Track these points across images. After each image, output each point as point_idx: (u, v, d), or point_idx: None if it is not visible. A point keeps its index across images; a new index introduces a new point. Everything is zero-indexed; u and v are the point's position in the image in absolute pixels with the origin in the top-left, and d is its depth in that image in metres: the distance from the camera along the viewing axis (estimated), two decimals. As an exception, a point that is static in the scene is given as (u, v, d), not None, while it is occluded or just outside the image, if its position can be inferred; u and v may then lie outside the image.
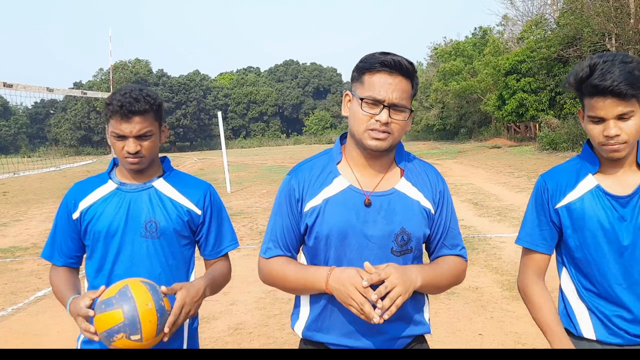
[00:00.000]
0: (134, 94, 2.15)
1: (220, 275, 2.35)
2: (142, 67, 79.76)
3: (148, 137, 2.20)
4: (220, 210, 2.44)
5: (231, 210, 13.35)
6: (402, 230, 1.87)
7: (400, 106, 1.83)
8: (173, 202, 2.29)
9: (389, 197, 1.90)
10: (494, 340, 4.74)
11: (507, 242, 8.43)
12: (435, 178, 1.99)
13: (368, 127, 1.83)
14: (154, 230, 2.23)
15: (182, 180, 2.38)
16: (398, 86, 1.82)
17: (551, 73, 32.18)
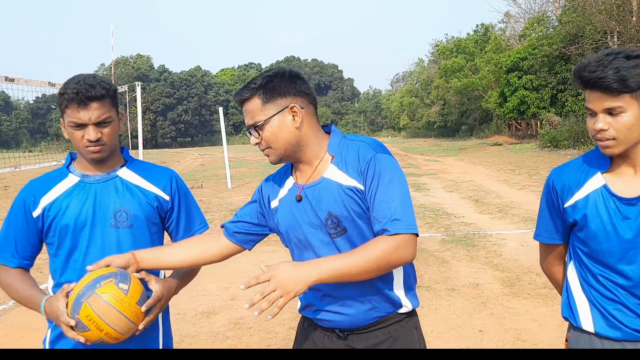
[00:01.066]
0: (89, 80, 2.10)
1: (191, 271, 2.36)
2: (143, 62, 79.74)
3: (108, 124, 2.12)
4: (187, 195, 2.41)
5: (232, 205, 13.36)
6: (329, 214, 1.95)
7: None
8: (140, 189, 2.25)
9: (317, 187, 1.99)
10: (494, 337, 4.75)
11: (508, 239, 8.44)
12: (364, 152, 1.94)
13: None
14: (125, 219, 2.19)
15: (145, 167, 2.34)
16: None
17: (553, 70, 32.11)
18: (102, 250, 2.15)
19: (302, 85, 1.98)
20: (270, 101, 1.94)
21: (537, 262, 7.29)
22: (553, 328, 4.90)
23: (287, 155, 2.00)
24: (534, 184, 14.89)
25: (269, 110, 1.94)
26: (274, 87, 1.95)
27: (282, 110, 1.94)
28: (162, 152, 52.05)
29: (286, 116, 1.95)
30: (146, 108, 72.81)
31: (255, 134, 1.97)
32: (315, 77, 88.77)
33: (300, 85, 1.98)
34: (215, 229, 2.23)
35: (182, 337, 5.05)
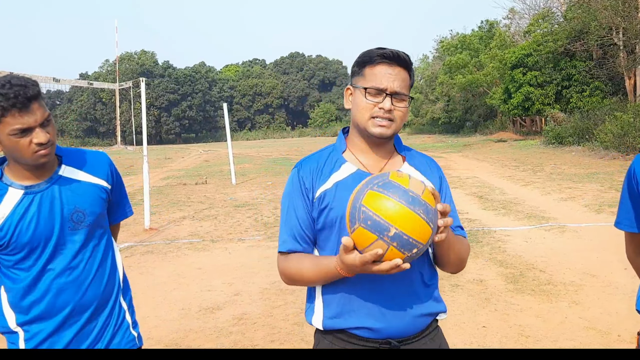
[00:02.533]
0: (15, 81, 1.92)
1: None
2: (147, 58, 79.66)
3: (49, 122, 2.01)
4: (120, 178, 2.37)
5: (236, 202, 13.39)
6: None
7: (401, 94, 1.92)
8: (87, 184, 2.16)
9: None
10: (498, 333, 4.75)
11: (512, 235, 8.43)
12: (435, 166, 2.10)
13: (372, 115, 1.92)
14: (82, 219, 2.11)
15: (81, 159, 2.21)
16: (398, 76, 1.92)
17: (558, 67, 32.01)
18: (65, 256, 2.10)
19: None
20: (411, 86, 1.99)
21: (540, 259, 7.34)
22: (557, 324, 4.90)
23: (392, 136, 1.99)
24: (539, 181, 14.86)
25: (409, 91, 1.97)
26: (414, 74, 2.03)
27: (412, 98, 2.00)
28: (167, 148, 52.11)
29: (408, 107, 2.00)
30: (150, 104, 72.83)
31: (390, 101, 1.91)
32: (320, 73, 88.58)
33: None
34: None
35: (187, 332, 5.07)
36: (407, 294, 1.92)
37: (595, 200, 11.14)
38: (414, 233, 1.61)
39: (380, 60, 1.92)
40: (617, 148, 20.15)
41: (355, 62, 2.00)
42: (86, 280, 2.15)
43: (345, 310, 1.92)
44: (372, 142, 2.00)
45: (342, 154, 2.03)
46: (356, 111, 1.96)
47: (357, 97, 1.96)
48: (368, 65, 1.94)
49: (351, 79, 2.03)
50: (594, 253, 7.16)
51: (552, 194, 12.46)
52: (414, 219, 1.61)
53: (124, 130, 67.55)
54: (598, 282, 6.01)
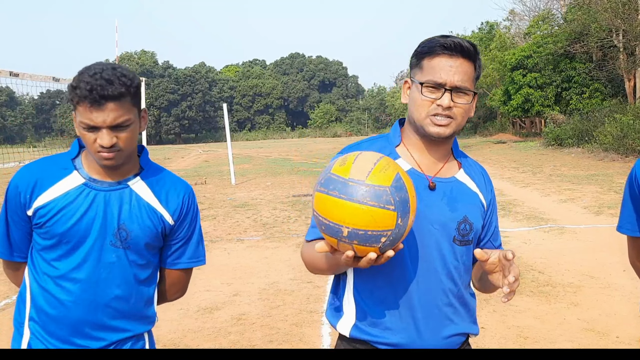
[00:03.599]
0: (106, 74, 1.76)
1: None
2: (148, 58, 79.78)
3: (126, 127, 1.82)
4: (194, 220, 2.13)
5: (235, 202, 13.38)
6: (465, 219, 1.81)
7: (462, 89, 1.75)
8: (148, 208, 1.96)
9: (451, 185, 1.84)
10: (496, 334, 4.75)
11: (511, 236, 8.44)
12: (489, 179, 1.99)
13: (430, 113, 1.75)
14: (124, 239, 1.91)
15: (160, 181, 2.02)
16: (459, 68, 1.74)
17: (557, 69, 32.03)
18: (95, 270, 1.90)
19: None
20: (477, 78, 1.82)
21: (539, 260, 7.34)
22: (555, 325, 4.90)
23: (452, 136, 1.83)
24: (538, 182, 14.87)
25: (473, 85, 1.80)
26: (482, 65, 1.85)
27: (476, 93, 1.83)
28: (166, 148, 52.12)
29: (473, 100, 1.82)
30: (150, 104, 72.90)
31: (450, 97, 1.74)
32: (320, 74, 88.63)
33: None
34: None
35: (185, 332, 5.07)
36: (449, 311, 1.82)
37: (594, 201, 11.14)
38: (369, 225, 1.46)
39: (441, 51, 1.74)
40: (617, 150, 20.16)
41: (414, 53, 1.82)
42: (105, 304, 1.93)
43: (379, 323, 1.78)
44: (429, 141, 1.83)
45: (395, 148, 1.87)
46: (413, 107, 1.80)
47: (414, 92, 1.79)
48: (427, 57, 1.77)
49: (410, 71, 1.86)
50: (593, 254, 7.16)
51: (552, 195, 12.46)
52: (362, 211, 1.45)
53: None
54: (597, 283, 6.01)
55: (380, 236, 1.47)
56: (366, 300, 1.80)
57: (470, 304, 1.91)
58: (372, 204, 1.45)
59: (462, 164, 1.91)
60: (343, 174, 1.49)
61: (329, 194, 1.49)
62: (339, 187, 1.48)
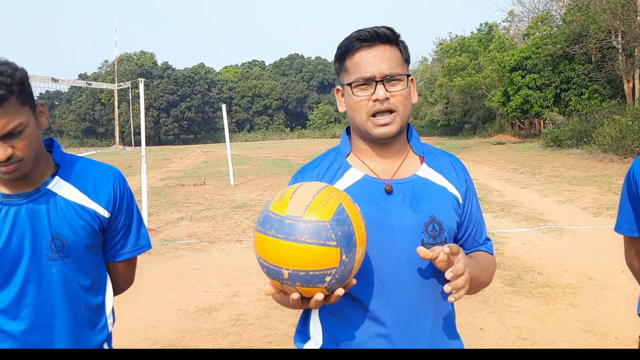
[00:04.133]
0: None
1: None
2: (147, 59, 79.73)
3: (19, 134, 1.58)
4: (130, 206, 1.93)
5: (235, 202, 13.37)
6: (432, 219, 1.64)
7: (394, 76, 1.62)
8: (77, 207, 1.75)
9: (412, 184, 1.68)
10: (495, 335, 4.75)
11: (510, 237, 8.43)
12: (460, 166, 1.79)
13: (369, 113, 1.62)
14: (60, 248, 1.72)
15: (82, 174, 1.80)
16: (384, 55, 1.62)
17: (556, 70, 32.03)
18: (39, 289, 1.72)
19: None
20: (406, 61, 1.69)
21: (538, 261, 7.33)
22: (554, 326, 4.90)
23: (401, 131, 1.68)
24: (537, 183, 14.87)
25: (405, 69, 1.67)
26: (407, 47, 1.72)
27: (410, 75, 1.68)
28: (165, 149, 52.09)
29: (411, 85, 1.68)
30: (149, 105, 72.82)
31: (384, 88, 1.61)
32: (319, 75, 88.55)
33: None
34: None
35: (183, 333, 5.06)
36: (425, 327, 1.64)
37: (593, 202, 11.14)
38: (310, 265, 1.34)
39: (358, 44, 1.62)
40: (616, 151, 20.16)
41: (335, 58, 1.71)
42: (60, 323, 1.77)
43: (348, 346, 1.64)
44: (378, 145, 1.70)
45: (346, 159, 1.75)
46: (351, 112, 1.68)
47: (348, 97, 1.67)
48: (347, 56, 1.65)
49: (338, 78, 1.74)
50: (592, 255, 7.16)
51: (551, 196, 12.46)
52: (301, 250, 1.33)
53: (122, 130, 67.33)
54: (596, 284, 6.00)
55: (324, 275, 1.35)
56: (333, 322, 1.66)
57: (450, 314, 1.73)
58: (311, 242, 1.33)
59: (424, 158, 1.75)
60: (280, 211, 1.38)
61: (267, 233, 1.38)
62: (275, 226, 1.36)
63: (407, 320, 1.62)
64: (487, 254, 1.80)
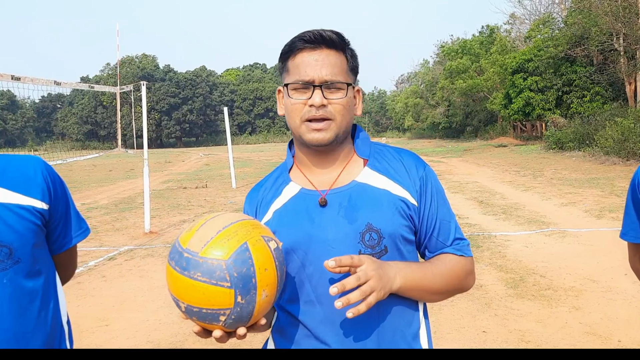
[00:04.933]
0: None
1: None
2: (149, 62, 79.87)
3: None
4: (65, 193, 1.78)
5: (237, 205, 13.37)
6: (369, 227, 1.52)
7: (334, 82, 1.53)
8: (12, 208, 1.60)
9: (348, 192, 1.58)
10: (498, 338, 4.74)
11: (512, 240, 8.42)
12: (413, 164, 1.63)
13: (304, 118, 1.55)
14: (7, 256, 1.57)
15: (6, 170, 1.64)
16: (326, 60, 1.54)
17: (558, 72, 32.05)
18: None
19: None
20: (352, 70, 1.61)
21: (541, 264, 7.30)
22: (557, 329, 4.89)
23: (337, 140, 1.58)
24: (539, 186, 14.86)
25: (349, 77, 1.59)
26: (356, 55, 1.64)
27: (354, 86, 1.62)
28: (167, 152, 52.16)
29: (353, 94, 1.62)
30: (151, 108, 72.99)
31: (321, 94, 1.53)
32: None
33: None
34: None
35: (186, 336, 5.06)
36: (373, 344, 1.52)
37: (595, 205, 11.13)
38: (202, 303, 1.31)
39: (302, 45, 1.54)
40: (618, 153, 20.15)
41: (279, 57, 1.62)
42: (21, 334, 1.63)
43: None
44: (315, 152, 1.61)
45: (289, 173, 1.68)
46: (287, 115, 1.60)
47: (285, 98, 1.60)
48: (290, 56, 1.57)
49: (280, 78, 1.65)
50: (595, 258, 7.15)
51: (553, 199, 12.45)
52: (193, 287, 1.30)
53: (124, 133, 67.56)
54: (598, 287, 6.00)
55: (217, 315, 1.32)
56: (281, 340, 1.63)
57: (400, 326, 1.57)
58: (203, 280, 1.29)
59: (368, 161, 1.63)
60: (183, 243, 1.35)
61: (170, 264, 1.36)
62: (176, 258, 1.34)
63: (350, 337, 1.52)
64: (453, 256, 1.62)
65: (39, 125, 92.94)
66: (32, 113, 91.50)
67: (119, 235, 10.16)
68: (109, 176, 25.21)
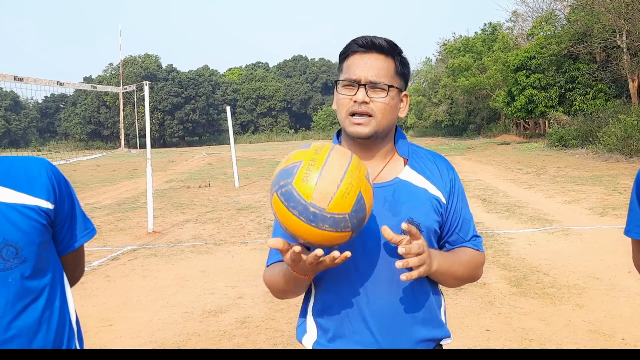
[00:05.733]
0: None
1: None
2: (151, 62, 79.89)
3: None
4: (70, 193, 1.81)
5: (239, 204, 13.39)
6: (410, 220, 1.72)
7: (378, 83, 1.72)
8: (18, 208, 1.62)
9: (392, 187, 1.77)
10: (501, 336, 4.74)
11: (515, 238, 8.42)
12: (445, 167, 1.87)
13: (348, 112, 1.74)
14: (14, 255, 1.60)
15: (11, 170, 1.67)
16: (374, 64, 1.73)
17: (561, 69, 31.95)
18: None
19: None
20: (400, 75, 1.79)
21: (544, 262, 7.30)
22: (560, 327, 4.89)
23: (376, 135, 1.77)
24: (542, 183, 14.84)
25: (394, 80, 1.77)
26: (407, 63, 1.83)
27: (400, 89, 1.80)
28: (170, 151, 52.24)
29: (400, 97, 1.81)
30: (154, 107, 73.02)
31: (364, 92, 1.72)
32: (323, 76, 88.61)
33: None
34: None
35: (189, 335, 5.07)
36: (405, 319, 1.75)
37: (599, 203, 11.11)
38: (323, 242, 1.50)
39: (356, 48, 1.75)
40: (621, 151, 20.11)
41: (338, 57, 1.84)
42: (25, 332, 1.65)
43: (338, 335, 1.77)
44: (359, 145, 1.80)
45: None
46: (337, 109, 1.80)
47: (336, 93, 1.80)
48: (345, 58, 1.79)
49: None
50: (598, 256, 7.14)
51: (556, 196, 12.43)
52: (318, 233, 1.48)
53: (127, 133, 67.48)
54: (602, 285, 5.99)
55: (332, 249, 1.54)
56: (324, 318, 1.80)
57: (432, 306, 1.83)
58: (330, 230, 1.48)
59: (408, 160, 1.84)
60: (305, 196, 1.46)
61: (290, 210, 1.47)
62: (300, 209, 1.46)
63: (386, 314, 1.73)
64: (471, 250, 1.89)
65: (42, 126, 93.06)
66: (35, 113, 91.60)
67: (122, 235, 10.18)
68: (112, 176, 25.25)
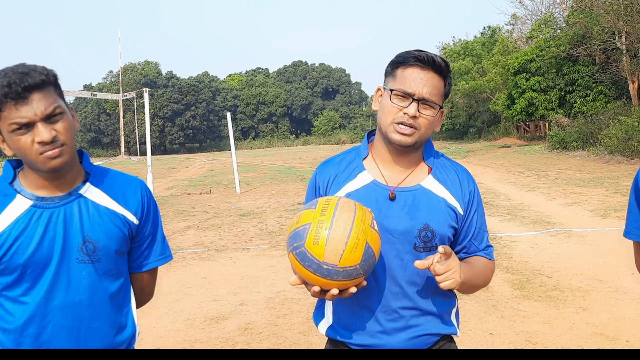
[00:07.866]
0: (19, 69, 1.63)
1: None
2: (151, 69, 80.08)
3: (60, 116, 1.66)
4: (157, 216, 1.99)
5: (241, 210, 13.37)
6: (426, 226, 1.84)
7: (429, 101, 1.82)
8: (109, 212, 1.81)
9: (413, 193, 1.88)
10: (505, 340, 4.72)
11: (518, 241, 8.40)
12: (466, 179, 1.97)
13: (395, 120, 1.82)
14: (92, 252, 1.76)
15: (111, 182, 1.88)
16: (430, 82, 1.82)
17: (561, 72, 31.95)
18: (67, 292, 1.74)
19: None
20: (445, 95, 1.90)
21: (547, 264, 7.28)
22: (564, 330, 4.87)
23: (416, 146, 1.88)
24: (543, 186, 14.82)
25: (441, 100, 1.88)
26: (452, 83, 1.95)
27: (442, 107, 1.90)
28: (171, 158, 52.22)
29: (440, 115, 1.91)
30: (154, 114, 73.08)
31: (416, 107, 1.81)
32: (323, 81, 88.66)
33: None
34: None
35: (192, 342, 5.06)
36: (407, 319, 1.87)
37: (601, 204, 11.09)
38: (341, 288, 1.68)
39: (414, 62, 1.82)
40: (622, 152, 20.09)
41: (390, 62, 1.90)
42: (86, 327, 1.80)
43: (350, 323, 1.89)
44: (395, 150, 1.90)
45: (362, 161, 1.95)
46: (381, 113, 1.87)
47: (384, 99, 1.87)
48: (401, 67, 1.85)
49: (384, 79, 1.94)
50: (601, 258, 7.12)
51: (558, 199, 12.42)
52: (336, 284, 1.66)
53: (128, 140, 67.75)
54: (605, 287, 5.97)
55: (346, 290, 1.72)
56: (340, 306, 1.91)
57: (440, 306, 1.92)
58: (344, 280, 1.65)
59: (432, 169, 1.94)
60: (317, 255, 1.63)
61: (305, 267, 1.65)
62: (314, 267, 1.64)
63: (395, 310, 1.86)
64: (485, 259, 1.98)
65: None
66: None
67: (123, 242, 10.14)
68: (113, 183, 25.16)
